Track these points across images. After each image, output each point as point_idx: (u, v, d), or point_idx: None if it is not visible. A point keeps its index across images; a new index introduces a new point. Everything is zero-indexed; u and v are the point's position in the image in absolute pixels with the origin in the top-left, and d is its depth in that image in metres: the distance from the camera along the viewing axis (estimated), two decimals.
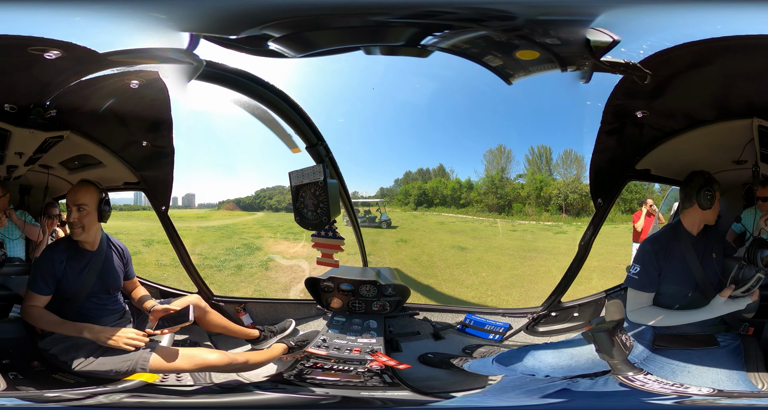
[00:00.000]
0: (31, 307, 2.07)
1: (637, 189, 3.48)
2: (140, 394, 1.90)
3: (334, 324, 2.67)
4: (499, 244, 5.35)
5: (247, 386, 2.13)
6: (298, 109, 2.13)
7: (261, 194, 6.10)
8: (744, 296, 1.95)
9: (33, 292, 2.09)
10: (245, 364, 2.22)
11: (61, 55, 1.78)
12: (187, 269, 2.84)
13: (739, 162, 2.25)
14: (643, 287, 2.12)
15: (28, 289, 2.11)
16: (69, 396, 1.83)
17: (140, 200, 3.46)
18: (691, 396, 1.82)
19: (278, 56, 1.92)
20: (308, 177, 2.16)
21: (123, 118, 2.34)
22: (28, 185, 2.59)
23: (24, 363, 2.05)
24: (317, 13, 1.80)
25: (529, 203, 5.18)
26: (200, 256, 5.41)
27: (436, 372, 2.35)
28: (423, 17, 1.83)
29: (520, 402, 1.92)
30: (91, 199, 2.14)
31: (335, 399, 1.95)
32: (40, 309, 2.07)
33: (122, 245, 2.38)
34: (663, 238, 2.18)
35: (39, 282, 2.09)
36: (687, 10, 1.80)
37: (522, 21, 1.80)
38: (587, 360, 2.07)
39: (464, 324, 2.70)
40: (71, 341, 2.07)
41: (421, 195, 5.82)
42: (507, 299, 4.28)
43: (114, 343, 2.00)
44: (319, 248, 2.51)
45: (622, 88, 2.06)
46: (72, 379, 1.98)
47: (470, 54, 1.97)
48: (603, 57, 1.89)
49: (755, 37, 1.72)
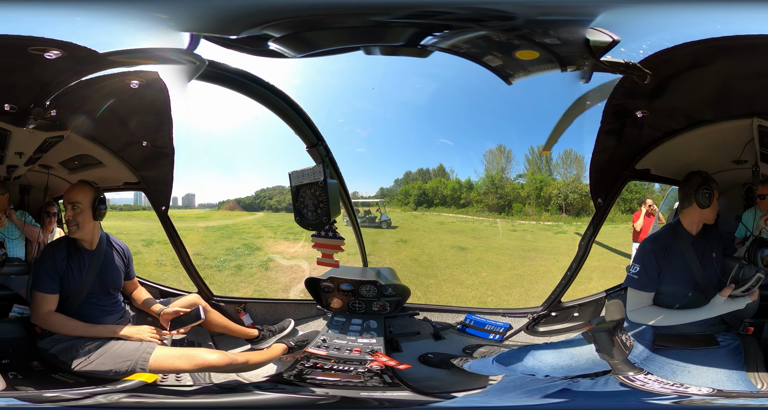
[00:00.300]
0: (49, 314, 2.07)
1: (637, 189, 3.48)
2: (139, 394, 1.90)
3: (334, 324, 2.67)
4: (499, 244, 5.35)
5: (247, 386, 2.13)
6: (298, 109, 2.12)
7: (261, 195, 6.11)
8: (744, 296, 1.95)
9: (41, 292, 2.08)
10: (245, 364, 2.22)
11: (62, 55, 1.78)
12: (187, 270, 2.84)
13: (739, 162, 2.25)
14: (642, 286, 2.12)
15: (36, 290, 2.09)
16: (68, 396, 1.83)
17: (140, 200, 3.47)
18: (690, 396, 1.82)
19: (278, 56, 1.91)
20: (308, 177, 2.16)
21: (123, 118, 2.34)
22: (28, 185, 2.59)
23: (24, 362, 2.05)
24: (317, 13, 1.80)
25: (529, 203, 5.18)
26: (200, 256, 5.41)
27: (437, 372, 2.35)
28: (422, 17, 1.83)
29: (522, 402, 1.92)
30: (85, 197, 2.16)
31: (335, 399, 1.94)
32: (59, 316, 2.08)
33: (123, 245, 2.39)
34: (662, 238, 2.18)
35: (45, 280, 2.09)
36: (687, 10, 1.80)
37: (521, 21, 1.80)
38: (588, 360, 2.07)
39: (464, 324, 2.70)
40: (71, 341, 2.06)
41: (421, 195, 5.83)
42: (507, 299, 4.28)
43: (138, 336, 2.10)
44: (319, 249, 2.51)
45: (621, 88, 2.06)
46: (71, 379, 1.97)
47: (470, 54, 1.97)
48: (603, 57, 1.89)
49: (756, 37, 1.72)
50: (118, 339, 2.08)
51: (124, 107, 2.25)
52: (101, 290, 2.22)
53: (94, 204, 2.17)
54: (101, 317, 2.20)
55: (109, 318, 2.24)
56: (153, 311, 2.37)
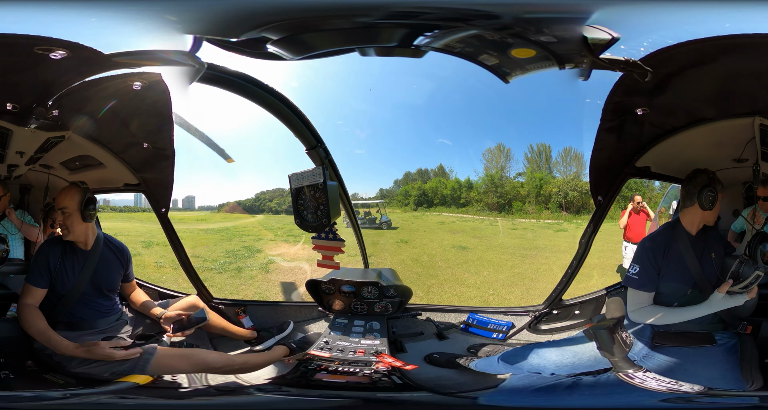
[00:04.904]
0: (25, 306, 2.04)
1: (637, 186, 3.49)
2: (130, 397, 1.88)
3: (337, 325, 2.66)
4: (499, 243, 5.35)
5: (248, 388, 2.12)
6: (298, 111, 2.12)
7: (261, 197, 6.10)
8: (742, 293, 1.95)
9: (29, 284, 2.08)
10: (244, 365, 2.21)
11: (67, 56, 1.78)
12: (186, 272, 2.83)
13: (740, 161, 2.24)
14: (642, 286, 2.11)
15: (25, 282, 2.10)
16: (55, 395, 1.81)
17: (140, 201, 3.46)
18: (683, 393, 1.82)
19: (277, 59, 1.92)
20: (308, 180, 2.16)
21: (125, 119, 2.33)
22: (29, 185, 2.58)
23: (18, 362, 2.03)
24: (308, 15, 1.80)
25: (529, 201, 5.18)
26: (200, 258, 5.40)
27: (445, 372, 2.34)
28: (406, 17, 1.83)
29: (535, 401, 1.91)
30: (71, 201, 2.14)
31: (349, 401, 1.93)
32: (33, 312, 2.04)
33: (123, 247, 2.36)
34: (661, 237, 2.17)
35: (35, 274, 2.09)
36: (689, 9, 1.80)
37: (509, 19, 1.80)
38: (590, 358, 2.08)
39: (467, 323, 2.70)
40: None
41: (421, 195, 5.83)
42: (509, 298, 4.28)
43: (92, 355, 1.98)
44: (320, 250, 2.50)
45: (622, 86, 2.06)
46: (62, 379, 1.95)
47: (465, 53, 1.97)
48: (602, 54, 1.89)
49: (760, 36, 1.72)
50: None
51: (126, 109, 2.24)
52: (95, 292, 2.20)
53: (82, 206, 2.14)
54: (96, 319, 2.19)
55: (103, 319, 2.22)
56: (153, 314, 2.35)
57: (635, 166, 2.41)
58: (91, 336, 2.13)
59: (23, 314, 2.04)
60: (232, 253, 5.62)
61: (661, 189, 3.31)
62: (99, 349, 1.98)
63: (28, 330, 2.03)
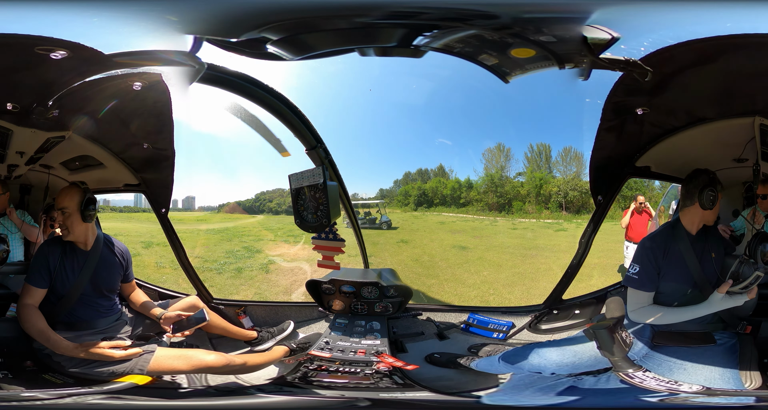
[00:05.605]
0: (25, 306, 2.04)
1: (637, 186, 3.49)
2: (130, 397, 1.87)
3: (337, 326, 2.66)
4: (499, 242, 5.35)
5: (248, 389, 2.12)
6: (297, 111, 2.12)
7: (261, 197, 6.09)
8: (741, 293, 1.95)
9: (28, 284, 2.08)
10: (243, 366, 2.21)
11: (68, 56, 1.78)
12: (186, 272, 2.83)
13: (740, 160, 2.25)
14: (642, 286, 2.11)
15: (25, 282, 2.10)
16: (47, 396, 1.80)
17: (140, 202, 3.46)
18: (682, 393, 1.83)
19: (277, 59, 1.92)
20: (308, 180, 2.16)
21: (125, 119, 2.33)
22: (29, 185, 2.58)
23: (17, 362, 2.03)
24: (307, 15, 1.80)
25: (529, 201, 5.19)
26: (199, 259, 5.40)
27: (446, 372, 2.34)
28: (404, 17, 1.84)
29: (536, 401, 1.92)
30: (71, 201, 2.14)
31: (349, 402, 1.93)
32: (33, 312, 2.03)
33: (123, 247, 2.37)
34: (661, 237, 2.17)
35: (34, 274, 2.09)
36: (689, 9, 1.80)
37: (508, 19, 1.81)
38: (590, 358, 2.08)
39: (468, 323, 2.70)
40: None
41: (421, 195, 5.82)
42: (509, 298, 4.28)
43: (92, 355, 1.98)
44: (320, 251, 2.50)
45: (622, 85, 2.06)
46: (61, 380, 1.95)
47: (464, 53, 1.97)
48: (602, 54, 1.89)
49: (760, 36, 1.72)
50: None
51: (126, 109, 2.25)
52: (95, 292, 2.20)
53: (82, 206, 2.14)
54: (95, 319, 2.19)
55: (103, 319, 2.22)
56: (153, 314, 2.35)
57: (635, 166, 2.42)
58: (91, 336, 2.14)
59: (23, 314, 2.04)
60: (232, 253, 5.61)
61: (661, 189, 3.31)
62: (98, 349, 1.99)
63: (28, 330, 2.02)
